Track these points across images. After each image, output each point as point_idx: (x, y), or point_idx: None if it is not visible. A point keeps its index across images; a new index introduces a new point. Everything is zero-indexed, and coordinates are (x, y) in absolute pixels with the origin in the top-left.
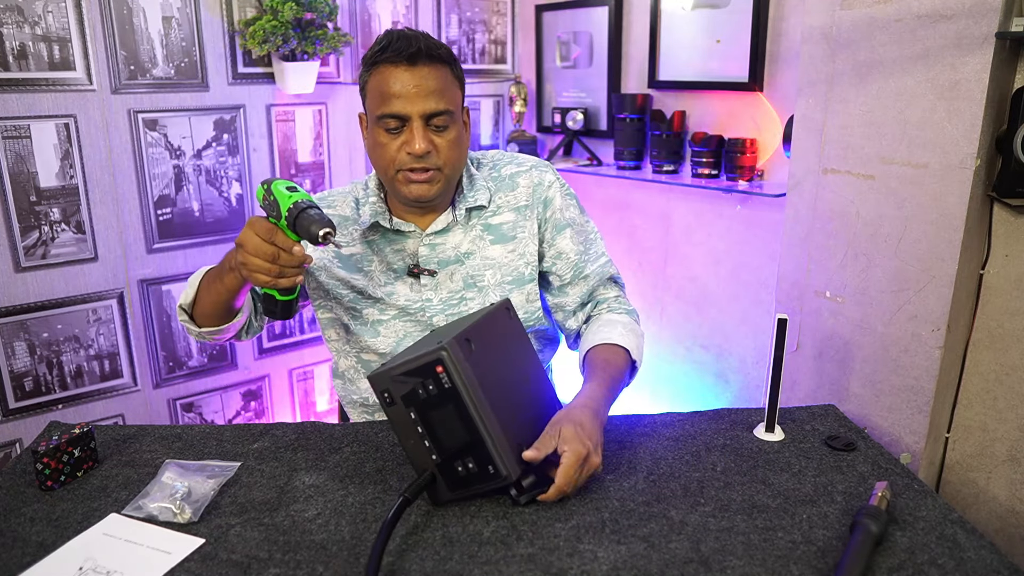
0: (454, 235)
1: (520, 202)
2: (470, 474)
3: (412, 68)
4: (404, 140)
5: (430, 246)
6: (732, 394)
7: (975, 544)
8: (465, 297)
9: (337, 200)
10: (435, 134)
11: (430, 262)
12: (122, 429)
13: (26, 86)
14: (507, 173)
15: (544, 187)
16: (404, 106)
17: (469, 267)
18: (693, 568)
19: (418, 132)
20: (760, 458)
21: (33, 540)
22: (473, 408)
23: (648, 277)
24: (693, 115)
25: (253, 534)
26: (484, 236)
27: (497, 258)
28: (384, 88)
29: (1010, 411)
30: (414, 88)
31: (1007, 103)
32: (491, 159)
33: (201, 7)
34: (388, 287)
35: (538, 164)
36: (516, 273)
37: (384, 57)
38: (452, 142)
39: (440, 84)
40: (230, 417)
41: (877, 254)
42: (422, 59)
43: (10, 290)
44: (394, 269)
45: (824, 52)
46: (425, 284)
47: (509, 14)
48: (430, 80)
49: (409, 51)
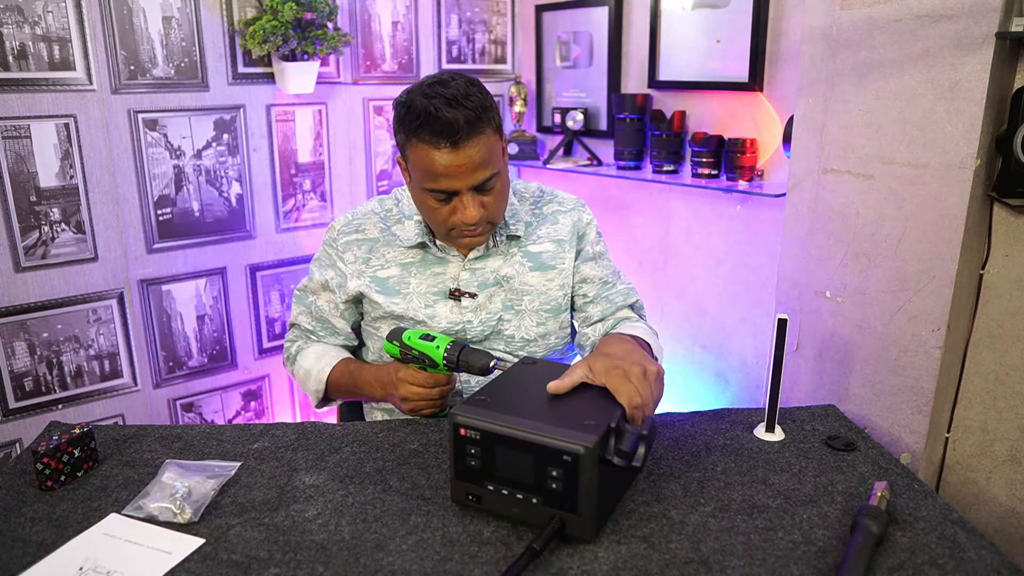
0: (494, 260)
1: (561, 235)
2: (566, 480)
3: (456, 150)
4: (455, 207)
5: (471, 270)
6: (732, 394)
7: (975, 544)
8: (503, 319)
9: (365, 224)
10: (484, 195)
11: (471, 285)
12: (122, 429)
13: (26, 86)
14: (549, 212)
15: (583, 224)
16: (453, 183)
17: (508, 290)
18: (693, 568)
19: (470, 204)
20: (760, 458)
21: (33, 540)
22: (503, 429)
23: (648, 277)
24: (693, 115)
25: (253, 534)
26: (524, 263)
27: (536, 285)
28: (428, 166)
29: (1010, 411)
30: (461, 168)
31: (1007, 103)
32: (532, 195)
33: (201, 7)
34: (429, 310)
35: (577, 204)
36: (553, 302)
37: (424, 137)
38: (498, 195)
39: (486, 153)
40: (230, 417)
41: (877, 254)
42: (467, 136)
43: (10, 290)
44: (434, 292)
45: (824, 52)
46: (466, 306)
47: (509, 14)
48: (475, 156)
49: (453, 137)
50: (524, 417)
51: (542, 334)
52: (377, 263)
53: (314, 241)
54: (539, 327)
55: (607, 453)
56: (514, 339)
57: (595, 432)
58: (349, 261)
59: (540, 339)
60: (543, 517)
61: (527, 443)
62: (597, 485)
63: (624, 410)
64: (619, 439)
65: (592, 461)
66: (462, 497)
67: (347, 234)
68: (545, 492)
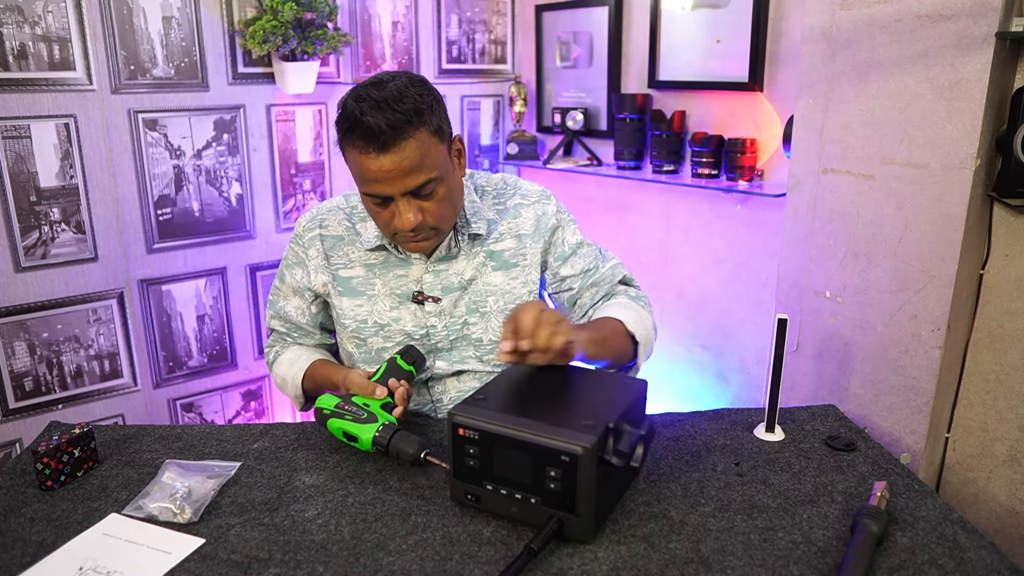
0: (458, 262)
1: (522, 230)
2: (564, 480)
3: (384, 154)
4: (392, 213)
5: (434, 272)
6: (732, 394)
7: (975, 544)
8: (468, 322)
9: (329, 219)
10: (422, 200)
11: (434, 289)
12: (122, 429)
13: (26, 86)
14: (511, 204)
15: (547, 217)
16: (383, 188)
17: (472, 293)
18: (693, 568)
19: (404, 209)
20: (760, 458)
21: (33, 540)
22: (501, 429)
23: (648, 277)
24: (693, 115)
25: (253, 534)
26: (487, 263)
27: (499, 284)
28: (359, 171)
29: (1010, 411)
30: (389, 173)
31: (1007, 103)
32: (495, 188)
33: (201, 7)
34: (393, 312)
35: (541, 196)
36: (517, 300)
37: (351, 142)
38: (441, 201)
39: (417, 158)
40: (230, 417)
41: (877, 254)
42: (392, 141)
43: (10, 290)
44: (398, 295)
45: (824, 52)
46: (430, 311)
47: (509, 14)
48: (405, 160)
49: (378, 140)
50: (522, 417)
51: None
52: (339, 261)
53: None
54: None
55: (605, 453)
56: (482, 342)
57: (593, 432)
58: (312, 256)
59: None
60: (542, 517)
61: (525, 443)
62: (595, 485)
63: (624, 411)
64: (617, 439)
65: (590, 461)
66: (461, 497)
67: (311, 230)
68: (543, 492)
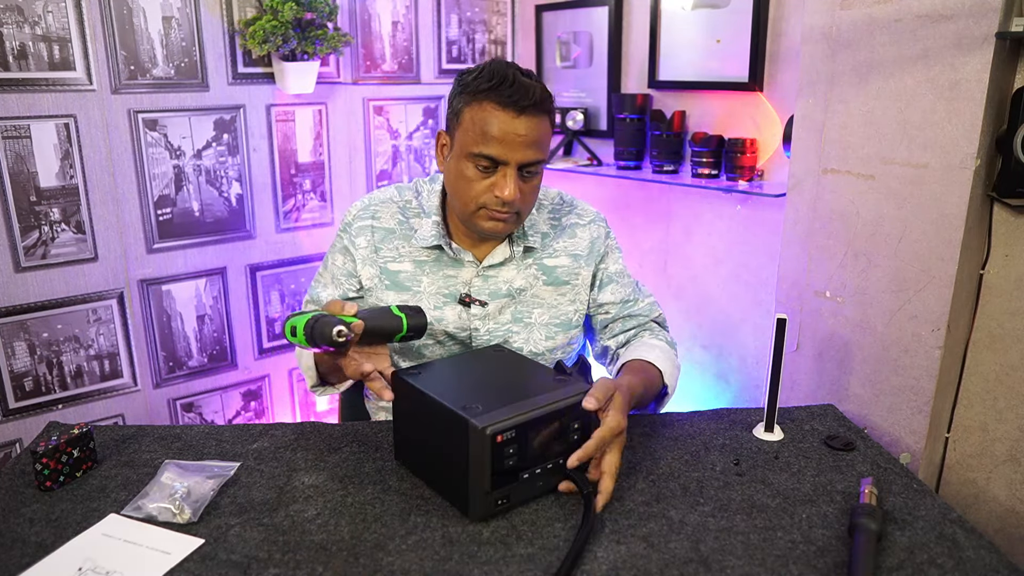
0: (508, 270)
1: (578, 250)
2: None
3: (520, 117)
4: (494, 182)
5: (484, 277)
6: (732, 394)
7: (974, 544)
8: (512, 331)
9: (382, 211)
10: (523, 181)
11: (482, 293)
12: (121, 429)
13: (26, 86)
14: (567, 223)
15: (600, 241)
16: (504, 152)
17: (520, 303)
18: (693, 568)
19: (512, 180)
20: (759, 458)
21: (32, 541)
22: (529, 414)
23: (648, 277)
24: (693, 115)
25: (253, 534)
26: (539, 276)
27: (547, 299)
28: (486, 128)
29: (1010, 411)
30: (519, 138)
31: (1007, 103)
32: (552, 203)
33: (201, 7)
34: (437, 312)
35: (596, 218)
36: (564, 317)
37: (494, 96)
38: (535, 188)
39: (542, 136)
40: (230, 417)
41: (877, 254)
42: (534, 109)
43: (10, 290)
44: (444, 295)
45: (824, 52)
46: (475, 314)
47: (509, 14)
48: (534, 132)
49: (524, 102)
50: (529, 397)
51: (550, 348)
52: (389, 254)
53: (314, 241)
54: (548, 341)
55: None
56: (522, 351)
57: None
58: (360, 246)
59: (548, 352)
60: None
61: (553, 413)
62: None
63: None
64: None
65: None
66: (491, 509)
67: (362, 219)
68: (568, 448)
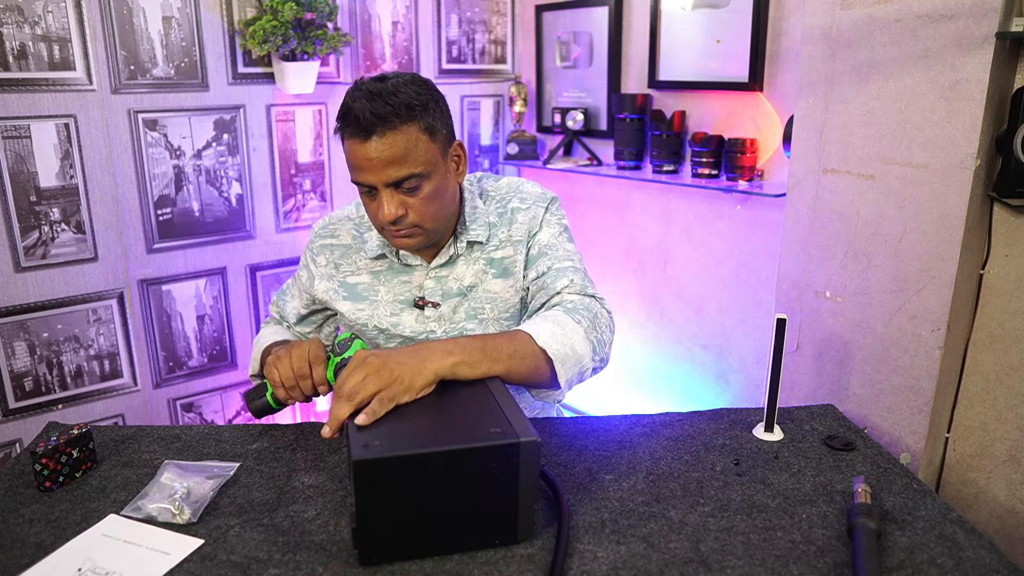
0: (458, 267)
1: (518, 236)
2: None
3: (368, 141)
4: (378, 204)
5: (436, 279)
6: (732, 394)
7: (974, 544)
8: (467, 328)
9: (339, 229)
10: (406, 195)
11: (435, 294)
12: (121, 430)
13: (26, 86)
14: (510, 208)
15: (537, 221)
16: (368, 177)
17: (472, 300)
18: (693, 568)
19: (386, 200)
20: (759, 458)
21: (32, 541)
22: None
23: (648, 277)
24: (693, 115)
25: (252, 535)
26: (487, 270)
27: (498, 292)
28: (349, 158)
29: (1010, 411)
30: (372, 161)
31: (1007, 103)
32: (501, 193)
33: (201, 7)
34: (394, 318)
35: (538, 199)
36: (512, 308)
37: (343, 128)
38: (425, 199)
39: (401, 150)
40: (230, 417)
41: (877, 254)
42: (377, 129)
43: (10, 290)
44: (400, 300)
45: (824, 52)
46: (429, 316)
47: (509, 14)
48: (388, 150)
49: (361, 125)
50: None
51: None
52: (348, 269)
53: None
54: None
55: None
56: None
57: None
58: (320, 264)
59: None
60: None
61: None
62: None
63: None
64: None
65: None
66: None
67: (323, 237)
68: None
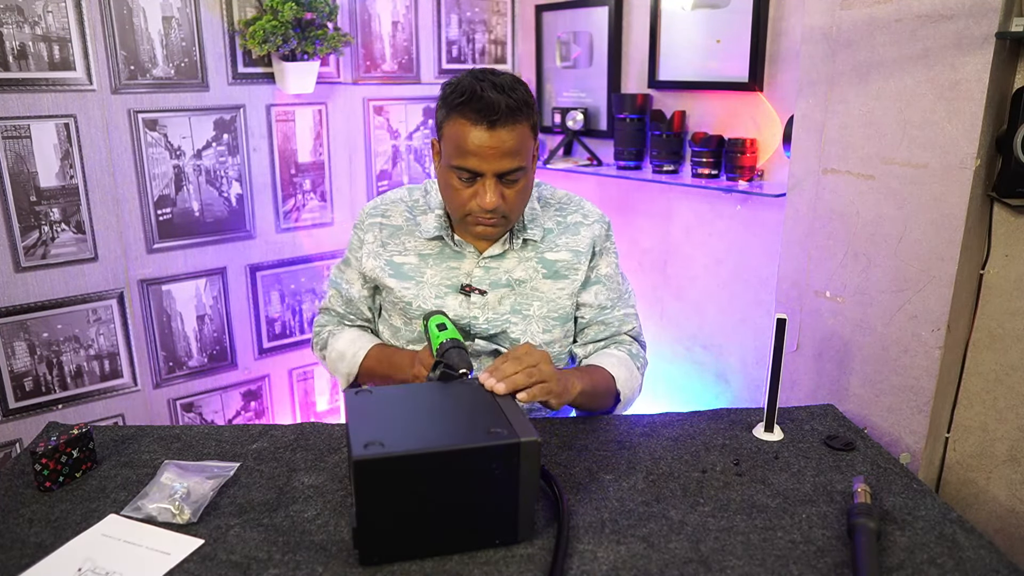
0: (508, 260)
1: (579, 247)
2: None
3: (491, 131)
4: (476, 191)
5: (485, 268)
6: (732, 394)
7: (974, 543)
8: (510, 321)
9: (391, 210)
10: (505, 187)
11: (483, 283)
12: (120, 430)
13: (26, 86)
14: (572, 221)
15: (601, 240)
16: (479, 164)
17: (519, 294)
18: (693, 568)
19: (491, 189)
20: (759, 458)
21: (32, 541)
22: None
23: (648, 277)
24: (693, 115)
25: (252, 535)
26: (539, 269)
27: (546, 292)
28: (461, 142)
29: (1010, 411)
30: (492, 150)
31: (1007, 103)
32: (558, 202)
33: (201, 7)
34: (439, 300)
35: (599, 219)
36: (562, 311)
37: (465, 111)
38: (520, 192)
39: (517, 143)
40: (230, 417)
41: (877, 254)
42: (505, 121)
43: (10, 290)
44: (447, 284)
45: (824, 52)
46: (474, 302)
47: (509, 14)
48: (507, 142)
49: (491, 116)
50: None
51: (547, 341)
52: (395, 248)
53: (314, 241)
54: (545, 334)
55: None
56: (519, 343)
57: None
58: (368, 241)
59: (545, 346)
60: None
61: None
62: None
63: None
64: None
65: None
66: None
67: (373, 216)
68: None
